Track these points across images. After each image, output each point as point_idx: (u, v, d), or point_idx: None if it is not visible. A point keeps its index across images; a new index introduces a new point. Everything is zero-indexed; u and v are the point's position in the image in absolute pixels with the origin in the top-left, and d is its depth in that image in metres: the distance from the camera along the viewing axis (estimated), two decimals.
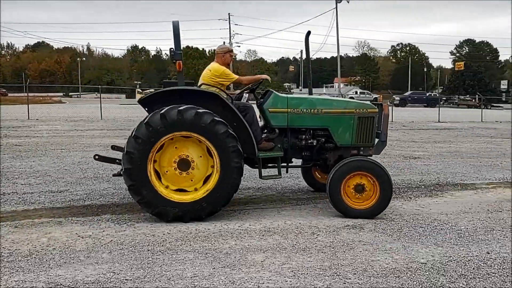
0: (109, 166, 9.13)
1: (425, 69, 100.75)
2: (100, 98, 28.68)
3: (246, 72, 74.56)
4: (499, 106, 57.66)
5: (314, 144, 6.18)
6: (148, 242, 4.71)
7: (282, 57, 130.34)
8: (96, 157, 6.32)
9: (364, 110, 6.25)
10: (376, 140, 6.38)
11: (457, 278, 3.94)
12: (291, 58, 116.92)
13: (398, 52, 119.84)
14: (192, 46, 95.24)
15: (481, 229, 5.41)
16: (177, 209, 5.34)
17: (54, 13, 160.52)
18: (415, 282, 3.83)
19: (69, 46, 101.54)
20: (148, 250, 4.48)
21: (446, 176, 8.88)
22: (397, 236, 5.08)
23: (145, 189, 5.28)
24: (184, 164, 5.46)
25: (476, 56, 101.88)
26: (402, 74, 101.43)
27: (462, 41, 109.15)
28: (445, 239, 5.00)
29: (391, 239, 4.98)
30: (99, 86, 35.98)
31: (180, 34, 5.68)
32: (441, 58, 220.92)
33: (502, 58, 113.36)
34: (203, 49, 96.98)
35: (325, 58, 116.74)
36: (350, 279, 3.88)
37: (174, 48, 5.66)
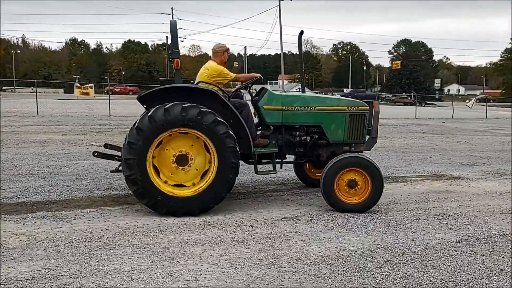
0: (45, 162, 8.88)
1: (364, 68, 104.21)
2: (36, 92, 27.46)
3: (191, 68, 73.92)
4: (433, 104, 60.79)
5: (308, 140, 6.38)
6: (85, 238, 4.67)
7: None
8: (95, 153, 6.33)
9: (356, 107, 6.47)
10: (367, 136, 6.63)
11: (383, 264, 4.22)
12: (236, 54, 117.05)
13: (340, 50, 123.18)
14: (134, 40, 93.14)
15: (408, 218, 5.78)
16: (172, 203, 5.43)
17: None
18: (344, 269, 4.07)
19: (3, 38, 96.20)
20: (85, 246, 4.45)
21: None
22: (331, 226, 5.34)
23: (142, 180, 5.34)
24: (182, 160, 5.57)
25: (412, 55, 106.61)
26: (343, 72, 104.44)
27: (399, 41, 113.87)
28: (374, 228, 5.31)
29: (325, 229, 5.22)
30: (35, 80, 34.36)
31: (177, 34, 5.74)
32: (380, 57, 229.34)
33: (436, 58, 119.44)
34: (145, 43, 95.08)
35: (269, 55, 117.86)
36: (284, 267, 4.06)
37: (171, 46, 5.73)
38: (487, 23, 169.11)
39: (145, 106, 5.83)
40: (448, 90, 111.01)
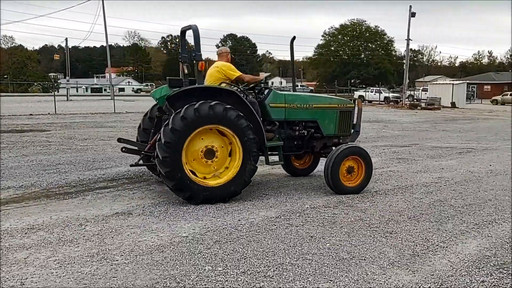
0: None
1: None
2: None
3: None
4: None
5: (305, 134, 7.18)
6: None
7: (46, 44, 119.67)
8: (124, 149, 6.83)
9: (344, 105, 7.43)
10: (352, 130, 7.55)
11: (212, 244, 4.55)
12: (56, 46, 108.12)
13: (169, 43, 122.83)
14: None
15: (235, 201, 6.24)
16: (206, 192, 5.96)
17: None
18: (177, 254, 4.29)
19: None
20: None
21: None
22: (163, 217, 5.49)
23: (179, 175, 5.78)
24: (209, 154, 6.11)
25: (238, 49, 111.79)
26: (173, 65, 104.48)
27: (225, 35, 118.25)
28: (205, 214, 5.63)
29: (157, 220, 5.36)
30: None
31: (200, 38, 6.40)
32: (208, 51, 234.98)
33: (260, 52, 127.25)
34: None
35: (94, 47, 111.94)
36: (117, 260, 4.10)
37: (195, 50, 6.29)
38: (303, 21, 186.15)
39: (169, 104, 6.18)
40: (272, 83, 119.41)
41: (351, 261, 4.22)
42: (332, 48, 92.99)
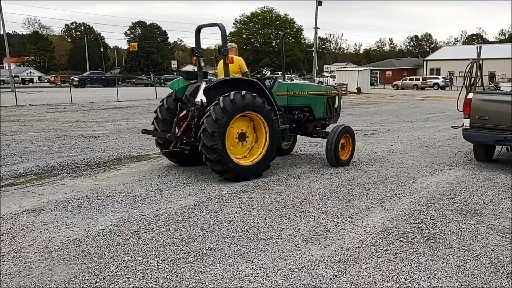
0: None
1: (102, 49, 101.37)
2: None
3: None
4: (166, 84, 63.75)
5: (302, 118, 8.16)
6: None
7: None
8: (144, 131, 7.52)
9: (330, 92, 8.73)
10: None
11: (131, 236, 4.53)
12: None
13: (73, 31, 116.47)
14: None
15: (152, 192, 6.22)
16: (237, 170, 6.70)
17: None
18: (94, 247, 4.22)
19: None
20: None
21: (124, 150, 9.57)
22: (78, 211, 5.34)
23: (225, 160, 6.52)
24: (242, 136, 6.98)
25: (149, 37, 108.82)
26: (79, 54, 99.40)
27: (134, 22, 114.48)
28: (121, 205, 5.56)
29: (72, 214, 5.20)
30: None
31: (226, 35, 7.08)
32: (117, 39, 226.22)
33: (171, 40, 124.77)
34: None
35: None
36: (31, 258, 3.96)
37: (222, 45, 6.93)
38: (213, 9, 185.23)
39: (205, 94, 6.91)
40: (185, 71, 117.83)
41: (268, 241, 4.43)
42: (244, 36, 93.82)
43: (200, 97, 7.08)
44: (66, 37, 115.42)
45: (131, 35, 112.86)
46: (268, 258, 4.01)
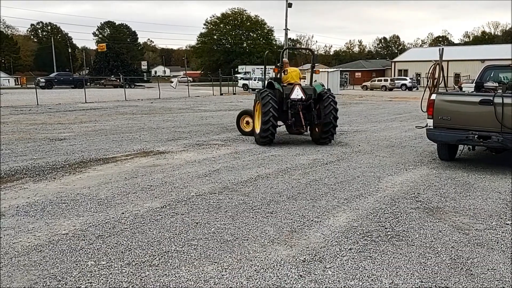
0: None
1: (69, 50, 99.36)
2: None
3: None
4: (141, 85, 63.09)
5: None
6: None
7: None
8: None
9: None
10: None
11: (95, 240, 4.45)
12: None
13: (40, 31, 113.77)
14: None
15: (118, 195, 6.13)
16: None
17: None
18: (56, 252, 4.13)
19: None
20: None
21: (90, 153, 9.40)
22: (40, 215, 5.21)
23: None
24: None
25: (118, 38, 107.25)
26: (46, 54, 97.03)
27: (103, 23, 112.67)
28: (86, 209, 5.46)
29: (34, 219, 5.08)
30: None
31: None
32: (85, 39, 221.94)
33: (140, 40, 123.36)
34: None
35: None
36: None
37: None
38: (182, 10, 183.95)
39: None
40: (156, 72, 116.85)
41: (234, 242, 4.43)
42: (215, 36, 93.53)
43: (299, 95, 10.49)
44: (32, 37, 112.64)
45: (100, 36, 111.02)
46: (234, 260, 4.01)
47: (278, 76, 11.24)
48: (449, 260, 4.08)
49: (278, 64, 11.21)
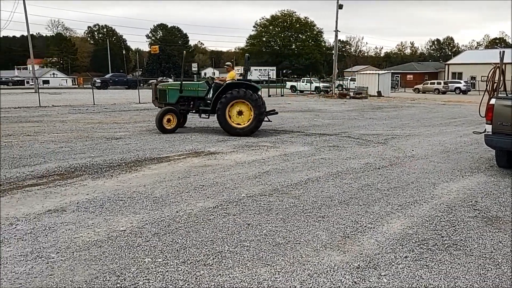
0: None
1: (124, 52, 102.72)
2: None
3: None
4: None
5: None
6: None
7: None
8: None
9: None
10: None
11: (151, 237, 4.58)
12: None
13: (96, 33, 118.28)
14: None
15: (172, 193, 6.28)
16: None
17: None
18: (115, 248, 4.28)
19: None
20: None
21: (145, 152, 9.68)
22: (99, 212, 5.42)
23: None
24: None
25: (170, 40, 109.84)
26: (101, 56, 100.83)
27: (156, 25, 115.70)
28: (142, 207, 5.63)
29: (93, 215, 5.29)
30: None
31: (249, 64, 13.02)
32: (138, 41, 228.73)
33: (191, 43, 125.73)
34: None
35: (14, 36, 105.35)
36: (53, 258, 4.03)
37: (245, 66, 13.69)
38: (231, 12, 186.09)
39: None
40: (205, 74, 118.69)
41: (286, 245, 4.43)
42: (264, 39, 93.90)
43: None
44: (88, 39, 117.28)
45: (153, 38, 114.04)
46: (286, 263, 4.02)
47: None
48: (511, 272, 3.90)
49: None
